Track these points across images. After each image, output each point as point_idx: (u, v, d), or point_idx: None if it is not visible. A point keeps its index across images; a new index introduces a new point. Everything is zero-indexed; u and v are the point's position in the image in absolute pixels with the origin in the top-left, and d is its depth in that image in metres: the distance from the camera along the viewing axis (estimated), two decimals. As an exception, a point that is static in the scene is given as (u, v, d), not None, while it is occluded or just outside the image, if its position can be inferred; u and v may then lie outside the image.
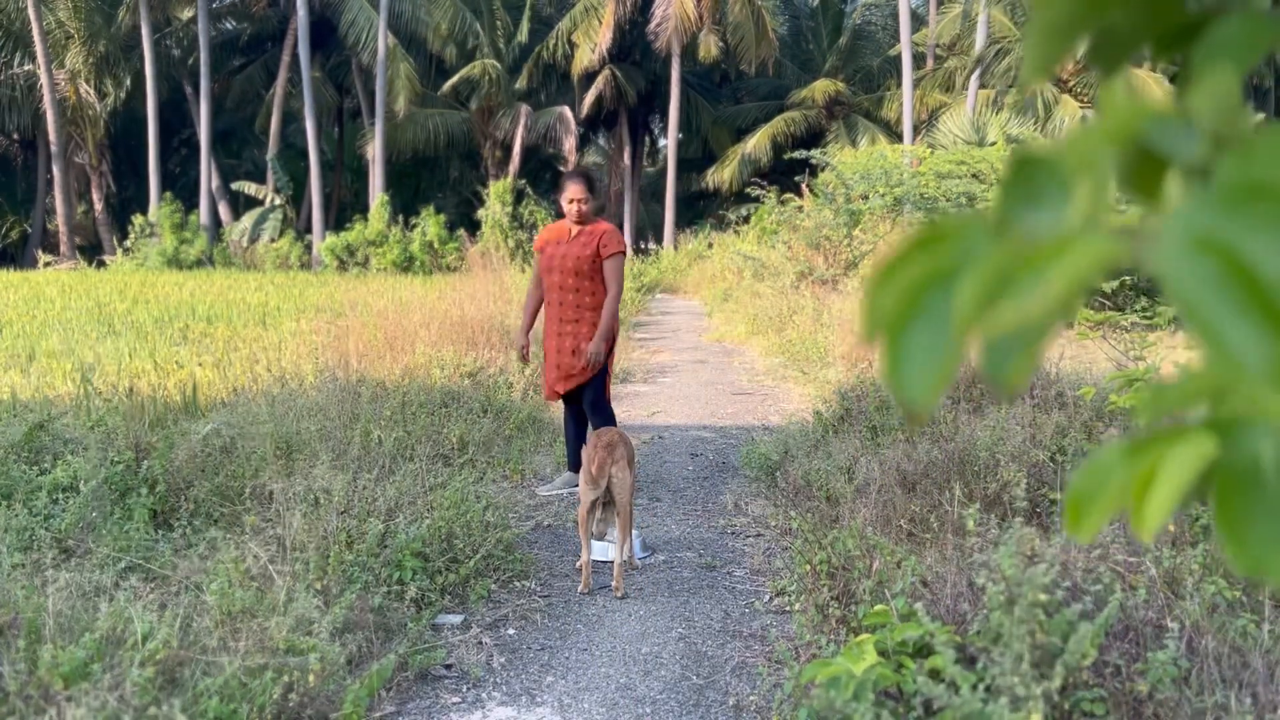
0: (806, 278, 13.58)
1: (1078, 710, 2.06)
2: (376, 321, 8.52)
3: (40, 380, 6.76)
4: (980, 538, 2.96)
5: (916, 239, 0.44)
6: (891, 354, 0.43)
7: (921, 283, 0.43)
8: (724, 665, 3.00)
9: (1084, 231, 0.41)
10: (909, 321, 0.43)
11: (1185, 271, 0.39)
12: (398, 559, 3.27)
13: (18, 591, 2.58)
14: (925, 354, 0.42)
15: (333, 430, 4.88)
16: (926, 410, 0.43)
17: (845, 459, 4.32)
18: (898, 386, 0.43)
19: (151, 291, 15.41)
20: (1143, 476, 0.45)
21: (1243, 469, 0.43)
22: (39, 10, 24.84)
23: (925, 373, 0.42)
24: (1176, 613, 2.41)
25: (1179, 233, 0.39)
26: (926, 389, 0.42)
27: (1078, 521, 0.47)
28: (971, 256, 0.42)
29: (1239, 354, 0.38)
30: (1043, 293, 0.40)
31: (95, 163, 28.35)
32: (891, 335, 0.43)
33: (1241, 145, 0.41)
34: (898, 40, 26.64)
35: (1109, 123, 0.43)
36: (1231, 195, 0.39)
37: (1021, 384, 0.42)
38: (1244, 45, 0.46)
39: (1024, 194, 0.43)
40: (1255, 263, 0.38)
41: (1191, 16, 0.49)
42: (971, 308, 0.41)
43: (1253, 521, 0.42)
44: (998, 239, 0.42)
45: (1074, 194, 0.42)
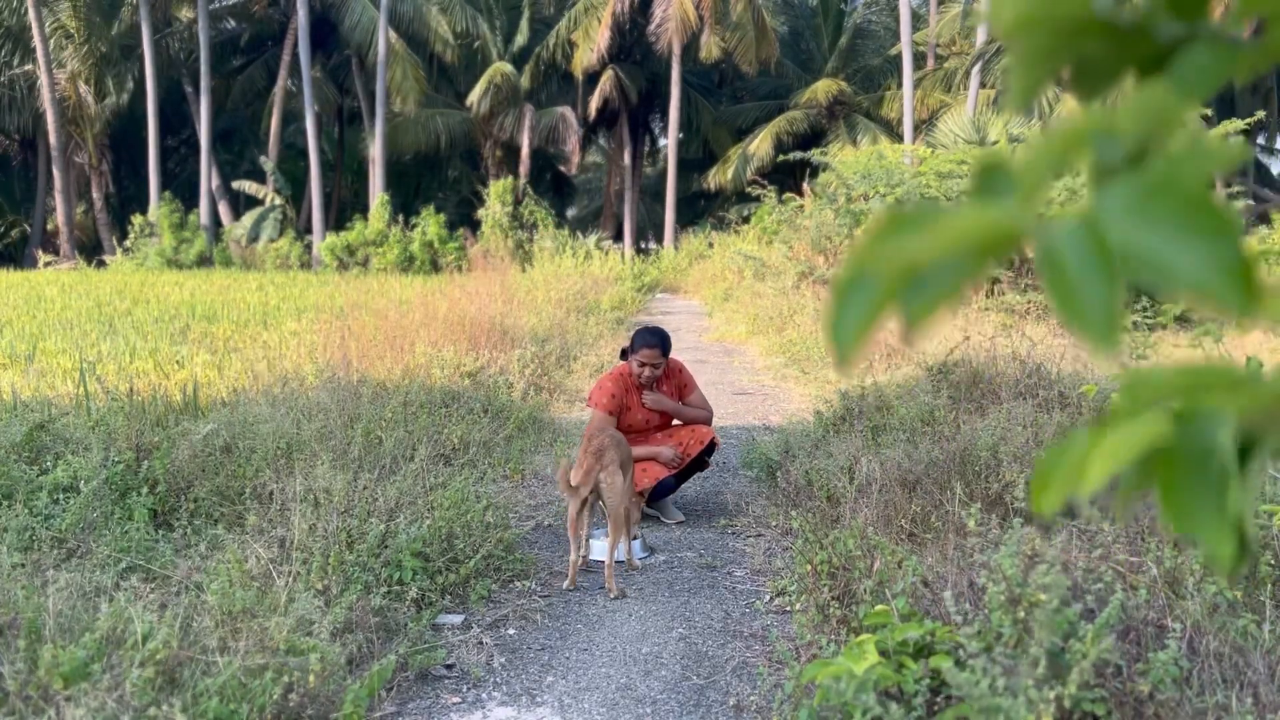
0: (807, 278, 13.59)
1: (1079, 710, 2.06)
2: (377, 321, 8.52)
3: (40, 380, 6.76)
4: (981, 538, 2.96)
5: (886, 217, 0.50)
6: (832, 313, 0.50)
7: (868, 257, 0.49)
8: (724, 665, 2.99)
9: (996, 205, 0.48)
10: (851, 286, 0.49)
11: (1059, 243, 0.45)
12: (398, 559, 3.27)
13: (18, 591, 2.58)
14: (856, 307, 0.49)
15: (333, 430, 4.88)
16: (854, 355, 0.49)
17: (846, 459, 4.32)
18: (830, 338, 0.49)
19: (151, 291, 15.41)
20: (1099, 449, 0.50)
21: (1192, 449, 0.49)
22: (39, 10, 24.84)
23: (853, 321, 0.49)
24: (1178, 613, 2.41)
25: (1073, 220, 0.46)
26: (852, 335, 0.49)
27: (1040, 495, 0.53)
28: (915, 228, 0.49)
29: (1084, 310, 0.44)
30: (935, 240, 0.46)
31: (95, 163, 28.35)
32: (836, 298, 0.50)
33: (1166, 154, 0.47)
34: (898, 40, 26.62)
35: (1064, 133, 0.49)
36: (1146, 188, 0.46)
37: (925, 330, 0.48)
38: (1209, 70, 0.51)
39: (983, 190, 0.50)
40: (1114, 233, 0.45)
41: (1163, 46, 0.52)
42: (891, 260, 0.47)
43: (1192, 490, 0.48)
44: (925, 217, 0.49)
45: (1018, 189, 0.48)
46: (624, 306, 14.95)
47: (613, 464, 3.63)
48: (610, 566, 3.60)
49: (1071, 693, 1.98)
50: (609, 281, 16.85)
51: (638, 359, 4.47)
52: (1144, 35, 0.52)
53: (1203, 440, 0.48)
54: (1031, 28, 0.51)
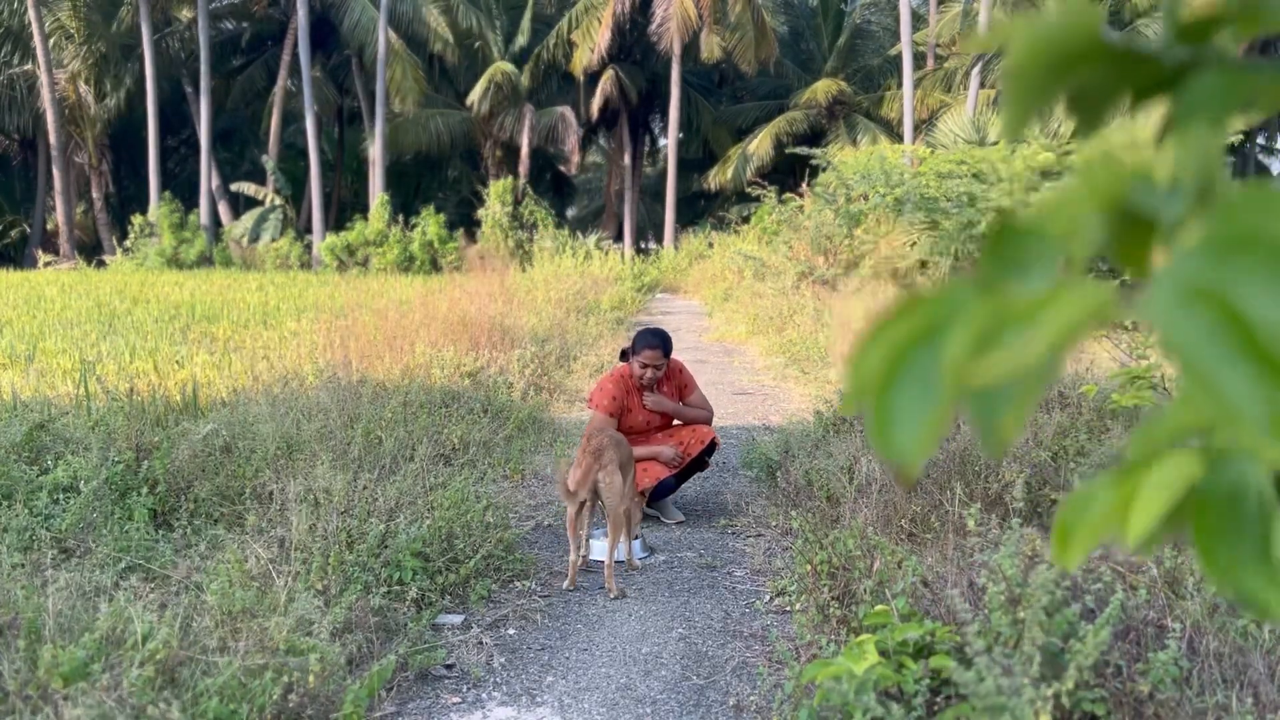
0: (807, 278, 13.59)
1: (1079, 710, 2.06)
2: (377, 321, 8.52)
3: (40, 380, 6.76)
4: (981, 538, 2.96)
5: (901, 304, 0.44)
6: (878, 414, 0.43)
7: (907, 342, 0.43)
8: (724, 665, 2.99)
9: (1072, 283, 0.41)
10: (895, 381, 0.43)
11: (1179, 322, 0.39)
12: (398, 559, 3.27)
13: (18, 591, 2.58)
14: (912, 412, 0.42)
15: (333, 430, 4.88)
16: (915, 469, 0.42)
17: (846, 459, 4.31)
18: (885, 447, 0.42)
19: (151, 291, 15.41)
20: (1127, 496, 0.46)
21: (1224, 492, 0.44)
22: (39, 10, 24.83)
23: (913, 431, 0.42)
24: (1177, 613, 2.41)
25: (1170, 284, 0.39)
26: (915, 448, 0.42)
27: (1064, 549, 0.48)
28: (957, 314, 0.42)
29: (1237, 403, 0.38)
30: (1034, 339, 0.40)
31: (95, 163, 28.34)
32: (878, 396, 0.43)
33: (1226, 200, 0.41)
34: (898, 40, 26.63)
35: (1091, 186, 0.43)
36: (1221, 246, 0.40)
37: (1013, 438, 0.42)
38: (1223, 98, 0.47)
39: (1007, 262, 0.43)
40: (1248, 310, 0.38)
41: (1167, 71, 0.49)
42: (961, 359, 0.41)
43: (1230, 540, 0.44)
44: (983, 298, 0.43)
45: (1057, 258, 0.42)
46: (624, 306, 14.95)
47: (611, 464, 3.63)
48: (610, 567, 3.60)
49: (1069, 689, 1.98)
50: (609, 281, 16.85)
51: (639, 360, 4.47)
52: (1146, 60, 0.49)
53: (1233, 480, 0.44)
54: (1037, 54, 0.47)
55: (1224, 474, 0.44)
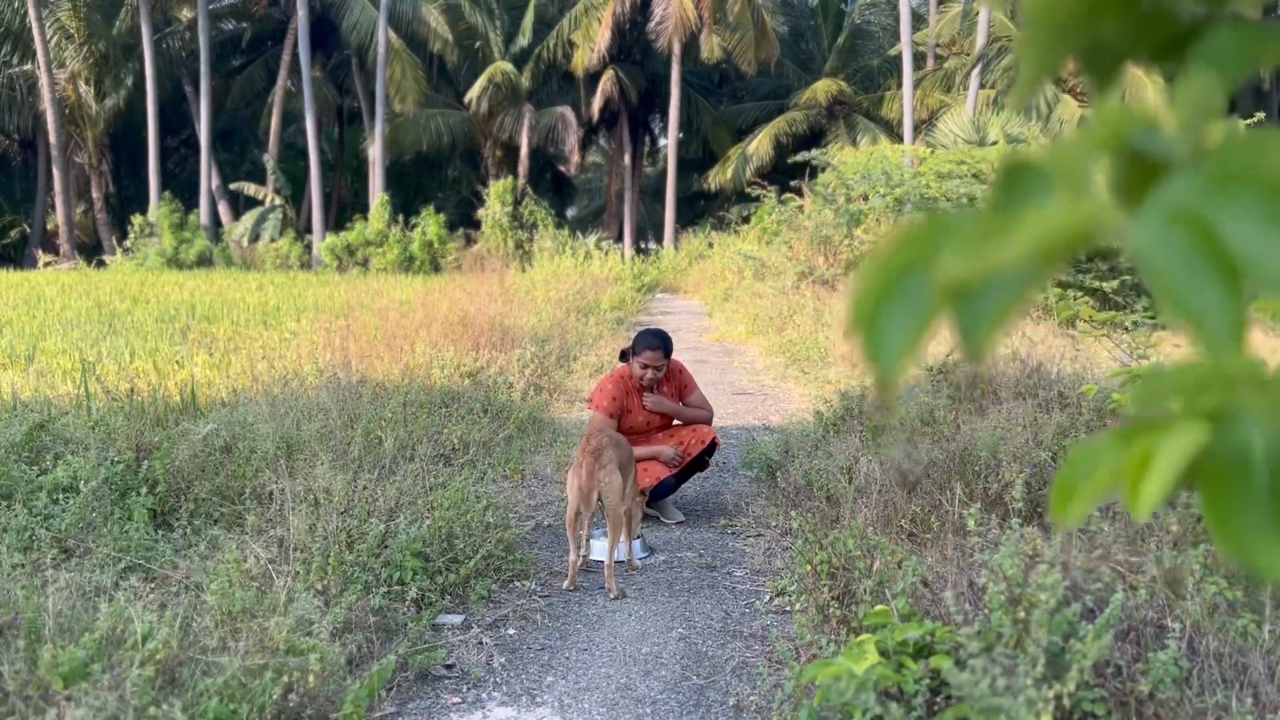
0: (807, 278, 13.59)
1: (1079, 710, 2.06)
2: (377, 321, 8.52)
3: (40, 380, 6.76)
4: (981, 538, 2.96)
5: (905, 232, 0.46)
6: (869, 333, 0.45)
7: (903, 266, 0.45)
8: (724, 665, 2.99)
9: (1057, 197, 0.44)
10: (887, 300, 0.45)
11: (1159, 240, 0.41)
12: (398, 559, 3.27)
13: (18, 591, 2.58)
14: (900, 324, 0.44)
15: (333, 430, 4.88)
16: (897, 378, 0.44)
17: (846, 459, 4.32)
18: (871, 355, 0.45)
19: (151, 291, 15.41)
20: (1136, 461, 0.46)
21: (1231, 458, 0.44)
22: (39, 10, 24.83)
23: (898, 340, 0.44)
24: (1177, 613, 2.41)
25: (1158, 207, 0.42)
26: (898, 355, 0.44)
27: (1064, 506, 0.48)
28: (953, 237, 0.45)
29: (1202, 316, 0.40)
30: (1016, 240, 0.41)
31: (95, 163, 28.34)
32: (870, 314, 0.45)
33: (1224, 140, 0.43)
34: (898, 40, 26.62)
35: (1099, 128, 0.45)
36: (1214, 179, 0.42)
37: (991, 345, 0.44)
38: (1236, 55, 0.48)
39: (1012, 193, 0.45)
40: (1227, 234, 0.40)
41: (1183, 27, 0.49)
42: (951, 269, 0.43)
43: (1240, 510, 0.44)
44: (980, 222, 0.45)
45: (1058, 191, 0.44)
46: (624, 306, 14.95)
47: (611, 464, 3.63)
48: (610, 567, 3.60)
49: (1070, 691, 1.98)
50: (609, 281, 16.85)
51: (640, 361, 4.48)
52: (1163, 16, 0.50)
53: (1241, 444, 0.44)
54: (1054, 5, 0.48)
55: (1231, 438, 0.45)
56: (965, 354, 0.44)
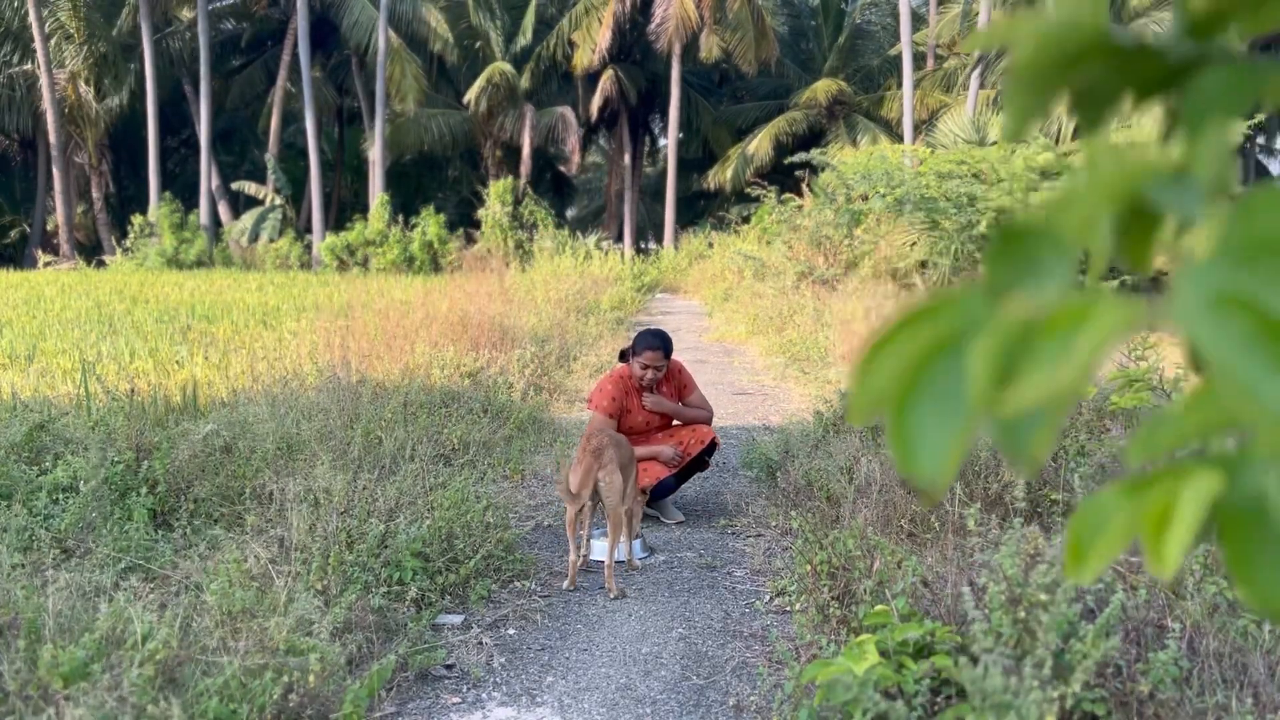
0: (807, 277, 13.59)
1: (1080, 710, 2.06)
2: (377, 321, 8.52)
3: (40, 380, 6.76)
4: (981, 538, 2.96)
5: (913, 309, 0.43)
6: (900, 432, 0.42)
7: (924, 354, 0.42)
8: (724, 665, 2.99)
9: (1098, 295, 0.40)
10: (915, 396, 0.42)
11: (1210, 330, 0.38)
12: (398, 559, 3.27)
13: (18, 591, 2.58)
14: (936, 431, 0.41)
15: (333, 430, 4.88)
16: (943, 488, 0.41)
17: (846, 459, 4.32)
18: (911, 466, 0.41)
19: (151, 291, 15.41)
20: (1154, 515, 0.44)
21: (1247, 504, 0.43)
22: (39, 10, 24.83)
23: (939, 451, 0.41)
24: (1177, 613, 2.41)
25: (1197, 289, 0.39)
26: (942, 467, 0.41)
27: (1079, 563, 0.47)
28: (974, 325, 0.41)
29: (1273, 407, 0.37)
30: (1069, 362, 0.39)
31: (95, 163, 28.34)
32: (897, 412, 0.42)
33: (1242, 200, 0.40)
34: (898, 40, 26.62)
35: (1104, 182, 0.43)
36: (1243, 249, 0.39)
37: (1044, 458, 0.41)
38: (1231, 96, 0.46)
39: (1016, 266, 0.42)
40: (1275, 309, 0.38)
41: (1172, 67, 0.48)
42: (987, 380, 0.40)
43: (1262, 559, 0.42)
44: (995, 309, 0.41)
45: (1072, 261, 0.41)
46: (624, 306, 14.95)
47: (611, 464, 3.63)
48: (610, 567, 3.60)
49: (1075, 692, 1.98)
50: (609, 281, 16.85)
51: (640, 361, 4.48)
52: (1151, 57, 0.48)
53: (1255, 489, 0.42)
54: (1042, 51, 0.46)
55: (1244, 483, 0.43)
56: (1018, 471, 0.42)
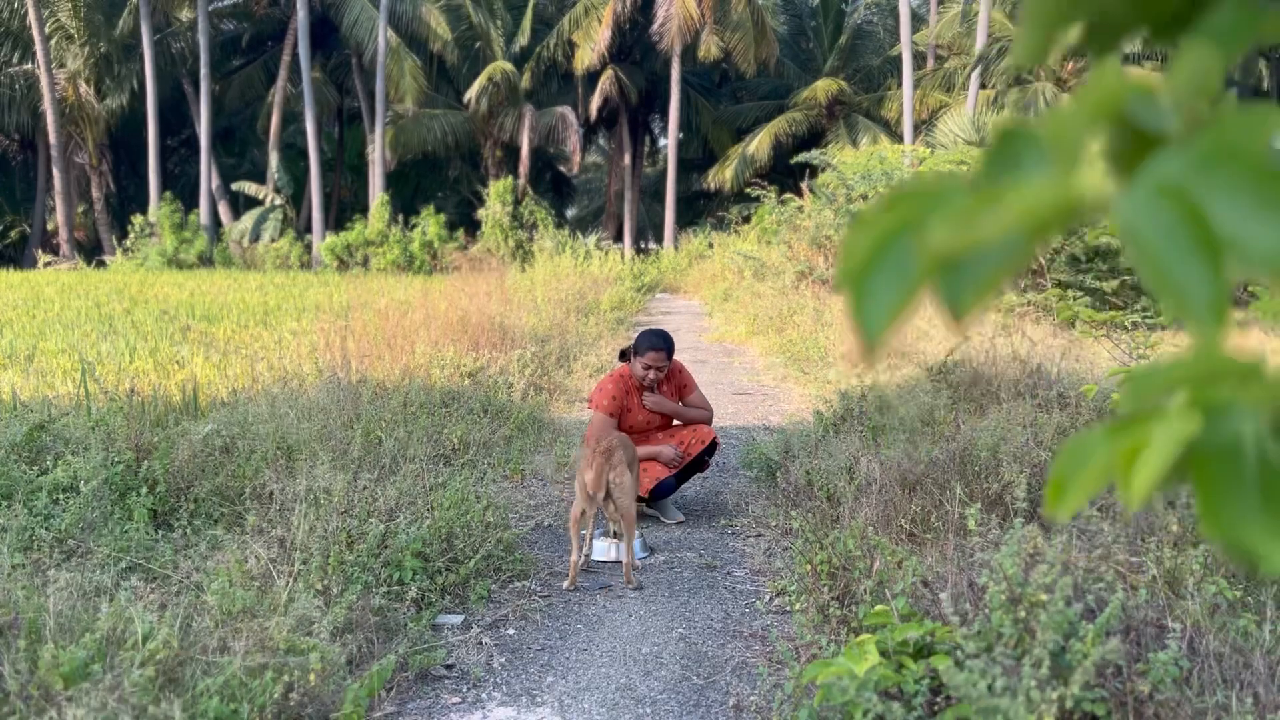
0: (807, 277, 13.59)
1: (1079, 710, 2.06)
2: (377, 321, 8.52)
3: (40, 380, 6.76)
4: (981, 538, 2.96)
5: (895, 194, 0.46)
6: (855, 292, 0.45)
7: (892, 229, 0.45)
8: (724, 665, 2.99)
9: (1043, 173, 0.44)
10: (874, 264, 0.45)
11: (1144, 215, 0.42)
12: (398, 559, 3.27)
13: (18, 591, 2.58)
14: (885, 291, 0.45)
15: (333, 430, 4.88)
16: (881, 344, 0.44)
17: (846, 459, 4.32)
18: (857, 320, 0.45)
19: (151, 291, 15.41)
20: (1129, 452, 0.46)
21: (1222, 449, 0.45)
22: (39, 10, 24.83)
23: (883, 308, 0.45)
24: (1178, 613, 2.41)
25: (1145, 182, 0.42)
26: (881, 323, 0.44)
27: (1058, 499, 0.49)
28: (944, 204, 0.45)
29: (1186, 290, 0.41)
30: (1001, 213, 0.42)
31: (95, 163, 28.34)
32: (857, 276, 0.45)
33: (1217, 118, 0.43)
34: (898, 40, 26.63)
35: (1093, 96, 0.45)
36: (1203, 155, 0.42)
37: (973, 315, 0.44)
38: (1235, 32, 0.48)
39: (1004, 161, 0.45)
40: (1211, 210, 0.41)
41: (1185, 3, 0.50)
42: (936, 238, 0.43)
43: (1230, 498, 0.45)
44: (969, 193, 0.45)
45: (1052, 159, 0.44)
46: (624, 306, 14.95)
47: (622, 464, 3.65)
48: (628, 565, 3.67)
49: (1074, 693, 1.98)
50: (608, 282, 16.85)
51: (643, 362, 4.48)
52: None
53: (1231, 434, 0.45)
54: None
55: (1222, 427, 0.45)
56: (947, 322, 0.44)
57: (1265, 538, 0.44)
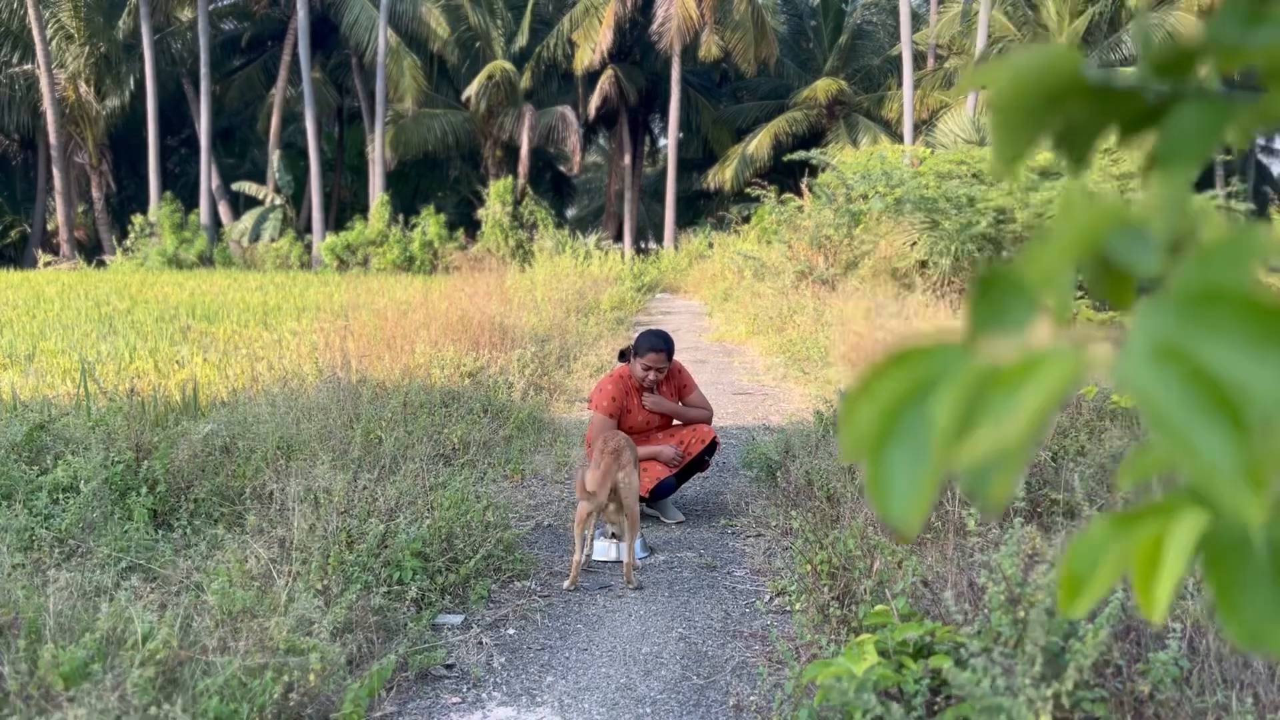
0: (807, 277, 13.59)
1: (1079, 710, 2.06)
2: (377, 321, 8.52)
3: (40, 380, 6.76)
4: (981, 538, 2.96)
5: (891, 357, 0.45)
6: (874, 474, 0.44)
7: (898, 402, 0.44)
8: (724, 665, 2.99)
9: (1051, 349, 0.42)
10: (888, 441, 0.44)
11: (1149, 382, 0.40)
12: (398, 559, 3.27)
13: (18, 591, 2.58)
14: (907, 473, 0.44)
15: (333, 430, 4.88)
16: (913, 527, 0.44)
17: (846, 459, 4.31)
18: (883, 506, 0.44)
19: (151, 291, 15.41)
20: (1144, 552, 0.46)
21: (1230, 541, 0.44)
22: (39, 10, 24.83)
23: (908, 492, 0.44)
24: (1177, 613, 2.41)
25: (1139, 343, 0.41)
26: (911, 507, 0.43)
27: (1073, 599, 0.49)
28: (945, 375, 0.44)
29: (1209, 458, 0.39)
30: (1016, 417, 0.41)
31: (95, 163, 28.33)
32: (872, 456, 0.44)
33: (1196, 251, 0.42)
34: (898, 39, 26.63)
35: (1069, 234, 0.45)
36: (1188, 302, 0.41)
37: (1004, 501, 0.43)
38: (1202, 133, 0.47)
39: (990, 311, 0.45)
40: (1215, 368, 0.39)
41: (1149, 105, 0.50)
42: (949, 432, 0.42)
43: (1246, 594, 0.44)
44: (968, 357, 0.44)
45: (1037, 309, 0.44)
46: (624, 306, 14.94)
47: (629, 464, 3.66)
48: (629, 565, 3.67)
49: (1068, 689, 1.98)
50: (609, 281, 16.85)
51: (643, 363, 4.48)
52: (1129, 96, 0.50)
53: (1236, 526, 0.44)
54: (1020, 94, 0.48)
55: (1228, 520, 0.44)
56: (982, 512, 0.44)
57: None
